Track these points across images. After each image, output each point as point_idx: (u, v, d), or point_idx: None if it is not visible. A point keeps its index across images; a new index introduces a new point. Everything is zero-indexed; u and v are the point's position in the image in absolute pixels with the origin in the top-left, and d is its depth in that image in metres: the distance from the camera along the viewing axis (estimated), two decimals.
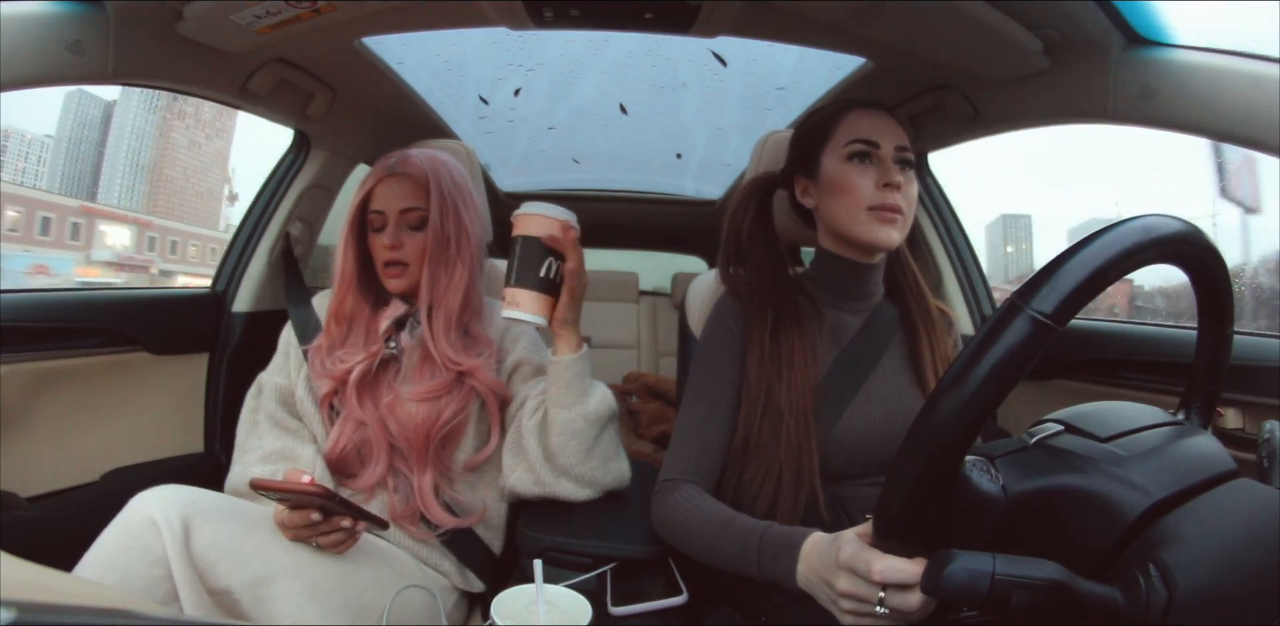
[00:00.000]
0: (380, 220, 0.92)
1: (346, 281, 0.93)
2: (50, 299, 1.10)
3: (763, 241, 0.88)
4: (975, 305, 1.38)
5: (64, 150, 8.37)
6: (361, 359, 0.89)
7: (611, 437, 0.88)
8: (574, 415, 0.83)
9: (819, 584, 0.58)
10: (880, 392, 0.81)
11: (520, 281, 0.81)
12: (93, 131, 8.40)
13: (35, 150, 8.93)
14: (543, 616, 0.60)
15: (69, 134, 8.15)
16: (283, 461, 0.87)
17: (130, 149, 8.70)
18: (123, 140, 8.51)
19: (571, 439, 0.83)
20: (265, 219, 1.38)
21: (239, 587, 0.67)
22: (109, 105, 7.87)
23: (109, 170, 8.61)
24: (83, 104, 8.23)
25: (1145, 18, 0.82)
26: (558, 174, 2.35)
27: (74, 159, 8.49)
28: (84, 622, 0.22)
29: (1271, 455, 0.50)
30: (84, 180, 8.70)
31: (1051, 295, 0.41)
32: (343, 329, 0.93)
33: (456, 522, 0.89)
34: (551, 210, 0.82)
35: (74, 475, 1.11)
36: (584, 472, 0.85)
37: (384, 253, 0.91)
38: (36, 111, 8.02)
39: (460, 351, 0.90)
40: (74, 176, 8.74)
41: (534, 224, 0.81)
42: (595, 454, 0.85)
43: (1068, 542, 0.47)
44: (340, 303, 0.94)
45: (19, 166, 8.96)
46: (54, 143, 8.39)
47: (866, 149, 0.79)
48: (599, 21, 1.05)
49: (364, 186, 0.93)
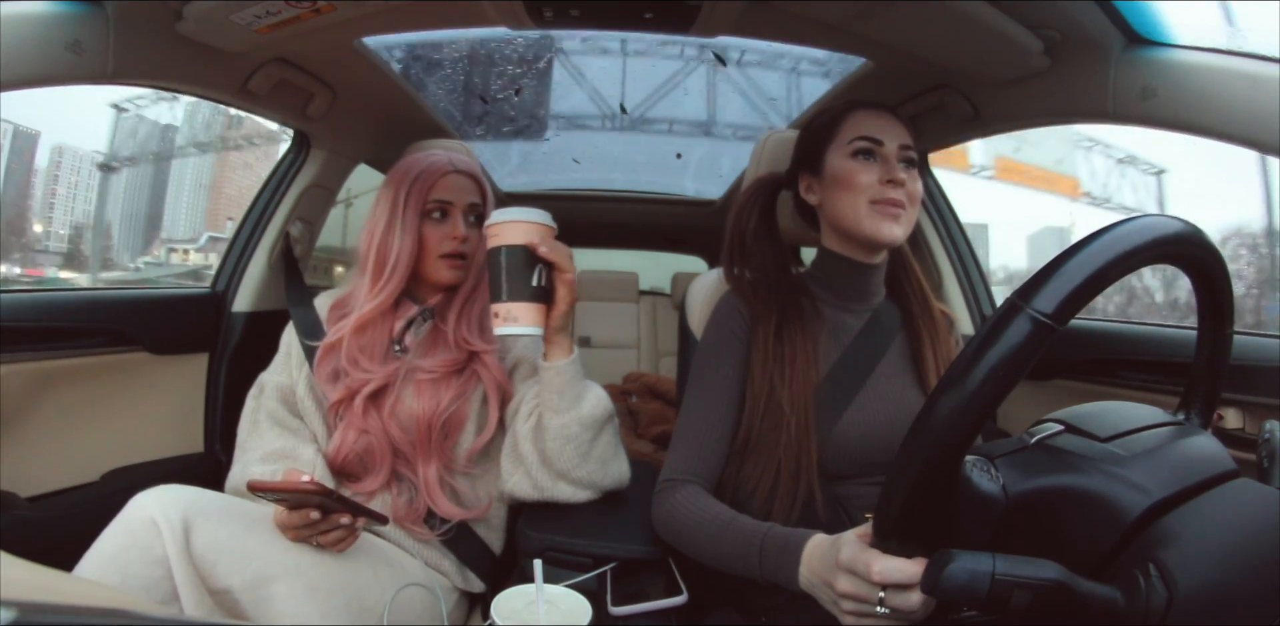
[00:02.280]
0: (446, 210, 0.93)
1: (399, 274, 0.90)
2: (50, 299, 1.10)
3: (767, 241, 0.89)
4: (975, 305, 1.38)
5: (125, 170, 9.09)
6: (379, 375, 0.89)
7: (609, 439, 0.87)
8: (568, 420, 0.82)
9: (820, 586, 0.58)
10: (881, 393, 0.81)
11: (513, 295, 0.75)
12: (151, 152, 9.12)
13: (85, 165, 9.52)
14: (543, 616, 0.60)
15: (129, 154, 8.82)
16: (283, 461, 0.86)
17: (194, 169, 9.39)
18: (187, 161, 9.21)
19: (567, 444, 0.83)
20: (265, 219, 1.38)
21: (239, 587, 0.67)
22: (165, 128, 8.65)
23: (174, 188, 9.26)
24: (140, 127, 8.96)
25: (1145, 18, 0.82)
26: (558, 174, 2.35)
27: (139, 177, 9.24)
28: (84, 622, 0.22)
29: (1271, 455, 0.50)
30: (155, 196, 9.32)
31: (1052, 295, 0.41)
32: (362, 338, 0.91)
33: (463, 514, 0.89)
34: (531, 214, 0.76)
35: (74, 475, 1.11)
36: (581, 476, 0.84)
37: (449, 244, 0.92)
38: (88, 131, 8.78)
39: (476, 335, 0.93)
40: (141, 193, 9.41)
41: (517, 232, 0.75)
42: (592, 457, 0.84)
43: (1068, 542, 0.47)
44: (379, 306, 0.90)
45: (72, 180, 9.54)
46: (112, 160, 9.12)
47: (871, 146, 0.80)
48: (599, 21, 1.05)
49: (421, 182, 0.92)
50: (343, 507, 0.72)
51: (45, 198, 9.00)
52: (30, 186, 8.93)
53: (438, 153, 0.96)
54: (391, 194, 0.92)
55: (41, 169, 8.97)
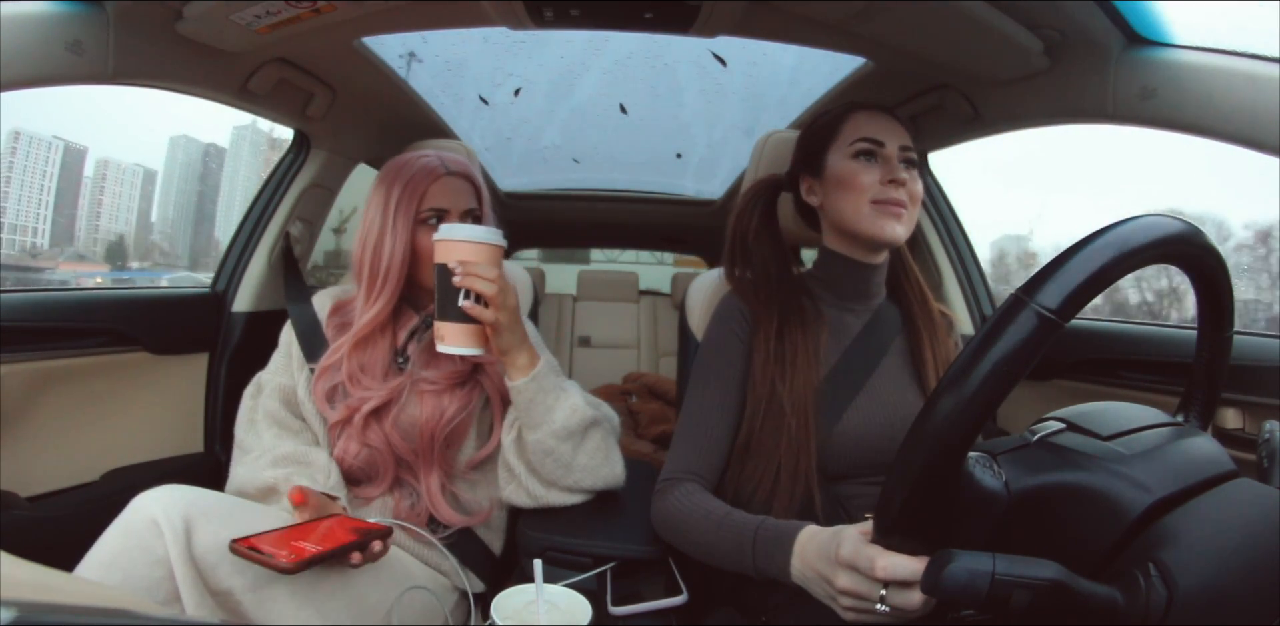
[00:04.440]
0: (442, 218, 0.90)
1: (392, 282, 0.88)
2: (50, 299, 1.10)
3: (768, 242, 0.89)
4: (975, 305, 1.38)
5: (174, 184, 10.08)
6: (380, 393, 0.88)
7: (595, 445, 0.85)
8: (541, 435, 0.82)
9: (815, 579, 0.58)
10: (881, 393, 0.81)
11: (442, 314, 0.76)
12: (197, 170, 10.12)
13: (128, 177, 10.34)
14: (543, 616, 0.60)
15: (178, 171, 9.84)
16: (295, 466, 0.85)
17: (244, 186, 10.24)
18: (237, 178, 10.04)
19: (546, 457, 0.82)
20: (265, 219, 1.38)
21: (240, 588, 0.67)
22: (208, 148, 9.83)
23: (225, 203, 10.12)
24: (188, 146, 9.99)
25: (1145, 18, 0.82)
26: (558, 174, 2.35)
27: (189, 192, 10.15)
28: (84, 623, 0.22)
29: (1271, 455, 0.50)
30: (204, 210, 10.24)
31: (1056, 290, 0.41)
32: (362, 355, 0.90)
33: (465, 521, 0.89)
34: (463, 232, 0.75)
35: (74, 475, 1.11)
36: (571, 484, 0.84)
37: None
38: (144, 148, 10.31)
39: None
40: (193, 206, 10.31)
41: (445, 250, 0.75)
42: (576, 466, 0.84)
43: (1069, 540, 0.47)
44: (375, 318, 0.89)
45: (116, 191, 10.49)
46: (162, 176, 10.07)
47: (872, 147, 0.80)
48: (599, 21, 1.04)
49: (412, 188, 0.89)
50: (347, 552, 0.70)
51: (93, 206, 10.00)
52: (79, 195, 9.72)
53: (429, 154, 0.93)
54: (382, 199, 0.89)
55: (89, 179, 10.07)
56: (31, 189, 9.94)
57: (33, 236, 10.10)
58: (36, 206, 10.04)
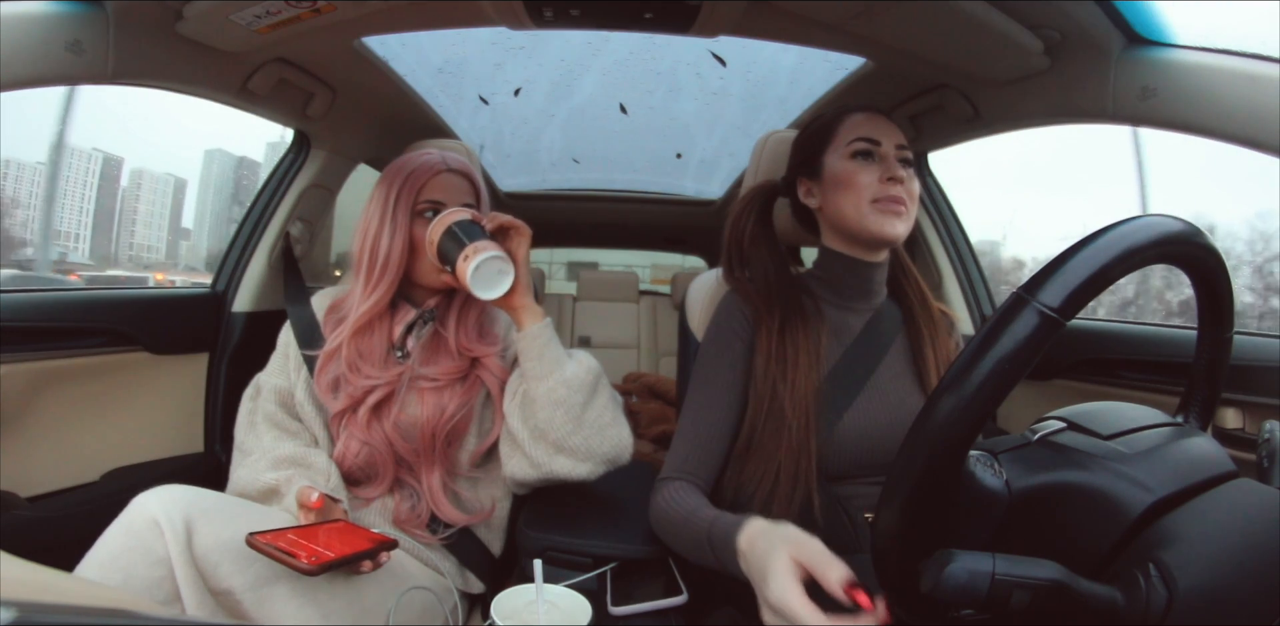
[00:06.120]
0: (438, 211, 0.90)
1: (390, 274, 0.89)
2: (50, 299, 1.10)
3: (765, 245, 0.89)
4: (975, 305, 1.38)
5: (210, 193, 10.96)
6: (383, 382, 0.88)
7: (604, 404, 0.85)
8: (553, 383, 0.81)
9: (756, 583, 0.58)
10: (882, 393, 0.81)
11: (459, 256, 0.81)
12: (230, 181, 10.98)
13: (160, 186, 11.38)
14: (543, 616, 0.60)
15: (214, 182, 10.82)
16: (295, 468, 0.85)
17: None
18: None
19: (557, 409, 0.81)
20: (265, 219, 1.38)
21: (241, 588, 0.67)
22: (241, 160, 10.56)
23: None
24: (222, 159, 10.73)
25: (1145, 18, 0.83)
26: (558, 174, 2.35)
27: (224, 200, 10.94)
28: (85, 623, 0.22)
29: (1271, 455, 0.50)
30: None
31: (1058, 289, 0.41)
32: (361, 342, 0.90)
33: (466, 520, 0.89)
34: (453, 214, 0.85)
35: (74, 475, 1.11)
36: (577, 444, 0.82)
37: None
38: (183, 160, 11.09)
39: (475, 340, 0.93)
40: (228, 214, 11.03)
41: (440, 223, 0.84)
42: (586, 422, 0.82)
43: (1069, 540, 0.47)
44: (374, 307, 0.89)
45: (149, 197, 11.52)
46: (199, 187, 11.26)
47: (869, 147, 0.81)
48: (599, 21, 1.04)
49: (413, 182, 0.90)
50: (356, 561, 0.71)
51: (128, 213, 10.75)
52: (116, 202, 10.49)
53: (431, 152, 0.95)
54: (384, 193, 0.91)
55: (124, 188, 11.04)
56: (74, 198, 10.94)
57: (74, 242, 11.10)
58: (78, 214, 10.97)
